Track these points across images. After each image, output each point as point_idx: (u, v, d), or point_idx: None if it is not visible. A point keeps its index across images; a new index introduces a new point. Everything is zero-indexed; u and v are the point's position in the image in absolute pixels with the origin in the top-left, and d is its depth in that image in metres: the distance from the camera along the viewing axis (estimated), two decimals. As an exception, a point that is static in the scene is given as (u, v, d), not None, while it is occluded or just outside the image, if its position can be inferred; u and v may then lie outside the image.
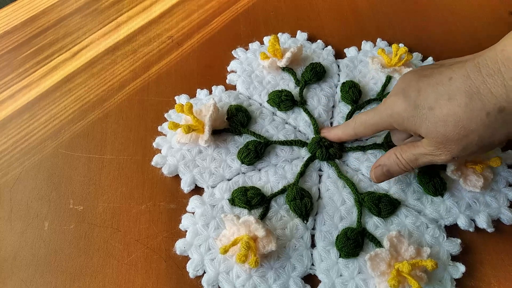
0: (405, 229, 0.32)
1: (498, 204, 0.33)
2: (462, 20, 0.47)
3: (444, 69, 0.27)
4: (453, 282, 0.30)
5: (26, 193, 0.35)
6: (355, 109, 0.39)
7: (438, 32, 0.46)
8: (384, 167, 0.32)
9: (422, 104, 0.27)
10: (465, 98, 0.25)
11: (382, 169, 0.32)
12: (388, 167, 0.32)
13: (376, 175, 0.33)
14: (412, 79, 0.29)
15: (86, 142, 0.38)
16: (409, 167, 0.31)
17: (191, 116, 0.35)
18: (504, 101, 0.25)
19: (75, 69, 0.43)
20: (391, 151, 0.32)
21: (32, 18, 0.47)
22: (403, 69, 0.40)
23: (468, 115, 0.26)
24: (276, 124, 0.38)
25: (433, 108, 0.27)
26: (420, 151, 0.29)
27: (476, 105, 0.25)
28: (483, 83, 0.25)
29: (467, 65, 0.26)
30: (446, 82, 0.27)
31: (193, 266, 0.30)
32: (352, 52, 0.43)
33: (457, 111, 0.26)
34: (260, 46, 0.44)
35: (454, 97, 0.26)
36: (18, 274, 0.31)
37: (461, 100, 0.26)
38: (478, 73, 0.25)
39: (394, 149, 0.32)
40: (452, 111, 0.26)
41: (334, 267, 0.31)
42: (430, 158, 0.29)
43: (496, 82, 0.25)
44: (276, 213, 0.33)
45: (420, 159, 0.30)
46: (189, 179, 0.34)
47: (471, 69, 0.26)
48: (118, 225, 0.33)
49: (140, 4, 0.49)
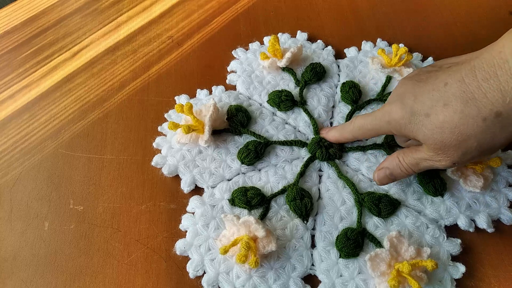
0: (405, 229, 0.32)
1: (498, 204, 0.33)
2: (462, 20, 0.46)
3: (440, 73, 0.27)
4: (453, 282, 0.30)
5: (26, 193, 0.34)
6: (355, 109, 0.38)
7: (438, 32, 0.45)
8: (387, 170, 0.32)
9: (418, 111, 0.27)
10: (460, 104, 0.25)
11: (385, 172, 0.32)
12: (391, 170, 0.31)
13: (379, 178, 0.32)
14: (409, 85, 0.28)
15: (86, 142, 0.37)
16: (411, 171, 0.30)
17: (191, 116, 0.35)
18: (500, 106, 0.24)
19: (75, 69, 0.42)
20: (394, 155, 0.31)
21: (32, 18, 0.47)
22: (403, 69, 0.40)
23: (463, 121, 0.25)
24: (276, 124, 0.37)
25: (429, 115, 0.26)
26: (421, 156, 0.29)
27: (472, 111, 0.25)
28: (478, 88, 0.24)
29: (462, 68, 0.25)
30: (441, 88, 0.26)
31: (193, 267, 0.30)
32: (352, 52, 0.43)
33: (452, 118, 0.25)
34: (260, 46, 0.43)
35: (450, 103, 0.25)
36: (18, 274, 0.31)
37: (457, 107, 0.25)
38: (474, 78, 0.25)
39: (397, 153, 0.31)
40: (448, 118, 0.25)
41: (334, 268, 0.30)
42: (431, 163, 0.29)
43: (491, 86, 0.24)
44: (276, 213, 0.33)
45: (421, 163, 0.29)
46: (189, 179, 0.34)
47: (466, 74, 0.25)
48: (118, 225, 0.33)
49: (140, 4, 0.48)
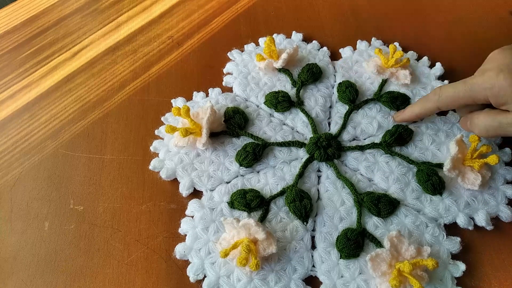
0: (405, 228, 0.30)
1: (496, 202, 0.31)
2: (462, 20, 0.44)
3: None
4: (453, 280, 0.28)
5: (26, 193, 0.33)
6: (353, 108, 0.37)
7: (439, 32, 0.43)
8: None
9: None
10: None
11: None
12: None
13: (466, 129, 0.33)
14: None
15: (86, 142, 0.36)
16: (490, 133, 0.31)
17: (188, 119, 0.33)
18: None
19: (75, 69, 0.41)
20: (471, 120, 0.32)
21: (32, 18, 0.45)
22: (400, 71, 0.38)
23: None
24: (274, 126, 0.36)
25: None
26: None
27: None
28: None
29: None
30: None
31: (194, 270, 0.28)
32: (347, 52, 0.41)
33: None
34: (256, 48, 0.41)
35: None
36: (18, 274, 0.29)
37: None
38: None
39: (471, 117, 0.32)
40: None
41: (335, 268, 0.29)
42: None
43: None
44: (276, 215, 0.31)
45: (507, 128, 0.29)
46: (188, 183, 0.32)
47: None
48: (119, 225, 0.31)
49: (140, 4, 0.46)
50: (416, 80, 0.38)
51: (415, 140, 0.35)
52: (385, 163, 0.33)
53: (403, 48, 0.41)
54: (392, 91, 0.38)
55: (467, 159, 0.32)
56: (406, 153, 0.34)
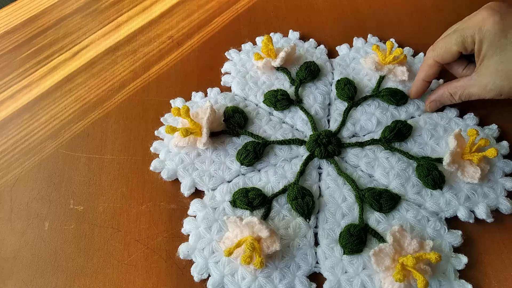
0: (406, 223, 0.29)
1: (496, 195, 0.30)
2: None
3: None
4: (456, 273, 0.27)
5: (26, 193, 0.31)
6: (352, 105, 0.35)
7: (438, 32, 0.42)
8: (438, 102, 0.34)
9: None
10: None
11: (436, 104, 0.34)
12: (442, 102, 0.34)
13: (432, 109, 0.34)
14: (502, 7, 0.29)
15: (86, 142, 0.34)
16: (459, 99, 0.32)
17: (188, 119, 0.31)
18: None
19: (75, 69, 0.39)
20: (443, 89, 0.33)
21: (32, 18, 0.43)
22: (397, 68, 0.36)
23: None
24: (273, 124, 0.34)
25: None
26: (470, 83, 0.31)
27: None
28: None
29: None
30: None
31: (198, 270, 0.27)
32: (344, 50, 0.39)
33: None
34: (253, 47, 0.40)
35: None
36: (18, 274, 0.28)
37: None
38: None
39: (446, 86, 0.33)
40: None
41: (338, 264, 0.27)
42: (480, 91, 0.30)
43: None
44: (278, 213, 0.29)
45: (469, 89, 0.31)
46: (189, 183, 0.31)
47: None
48: (119, 225, 0.29)
49: (140, 4, 0.44)
50: (413, 77, 0.37)
51: (414, 135, 0.33)
52: (385, 159, 0.32)
53: (399, 44, 0.39)
54: (390, 87, 0.36)
55: (466, 153, 0.31)
56: (406, 149, 0.33)
